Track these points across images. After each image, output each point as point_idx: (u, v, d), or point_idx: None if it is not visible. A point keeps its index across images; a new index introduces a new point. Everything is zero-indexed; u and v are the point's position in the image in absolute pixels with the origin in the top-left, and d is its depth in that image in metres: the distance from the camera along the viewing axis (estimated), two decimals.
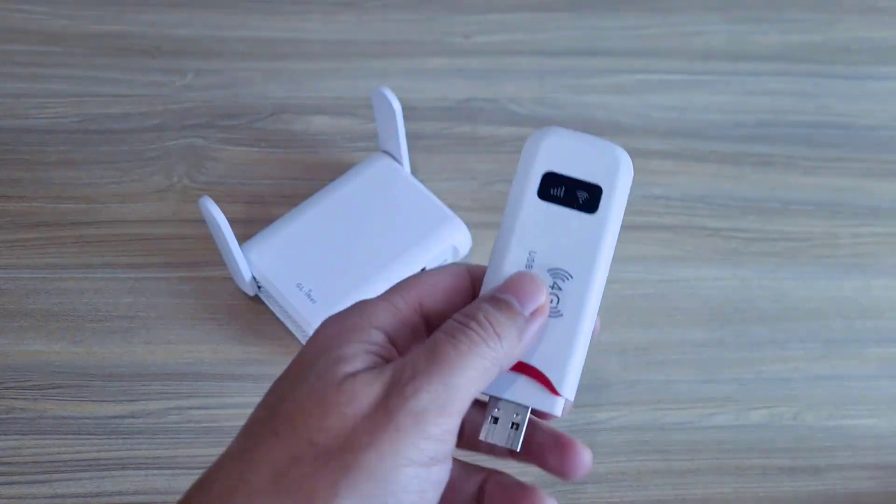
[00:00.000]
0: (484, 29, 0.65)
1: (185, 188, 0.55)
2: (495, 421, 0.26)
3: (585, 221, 0.27)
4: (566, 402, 0.27)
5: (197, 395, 0.48)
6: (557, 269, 0.27)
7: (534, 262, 0.27)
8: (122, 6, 0.65)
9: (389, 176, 0.52)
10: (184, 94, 0.60)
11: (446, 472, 0.23)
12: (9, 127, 0.58)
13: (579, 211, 0.27)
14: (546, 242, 0.27)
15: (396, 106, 0.48)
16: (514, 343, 0.24)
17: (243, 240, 0.49)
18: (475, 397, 0.24)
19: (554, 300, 0.27)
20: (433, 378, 0.21)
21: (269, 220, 0.51)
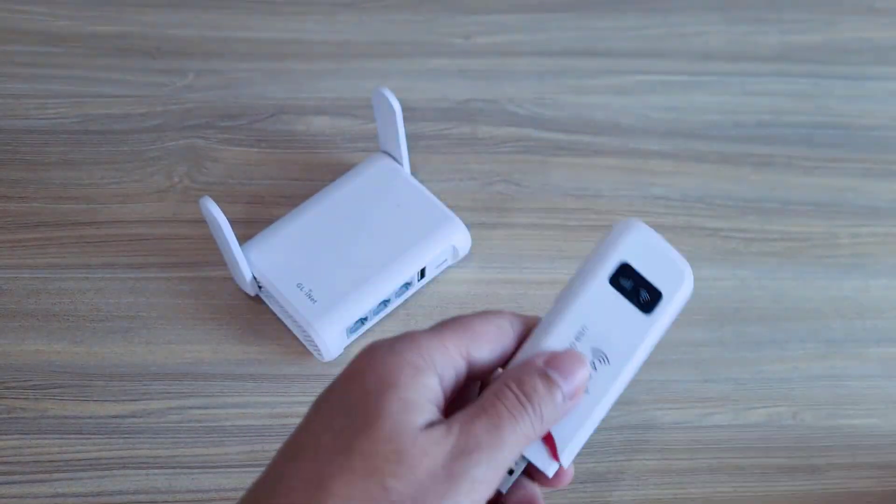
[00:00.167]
0: (484, 30, 0.65)
1: (185, 188, 0.55)
2: None
3: (638, 319, 0.30)
4: (559, 467, 0.29)
5: (197, 394, 0.48)
6: (600, 350, 0.29)
7: (582, 336, 0.29)
8: (122, 7, 0.65)
9: (389, 176, 0.52)
10: (184, 94, 0.60)
11: None
12: (9, 127, 0.58)
13: (636, 307, 0.30)
14: (599, 324, 0.29)
15: (396, 106, 0.48)
16: (553, 422, 0.27)
17: (244, 240, 0.49)
18: None
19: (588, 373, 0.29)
20: (491, 454, 0.25)
21: (269, 221, 0.51)
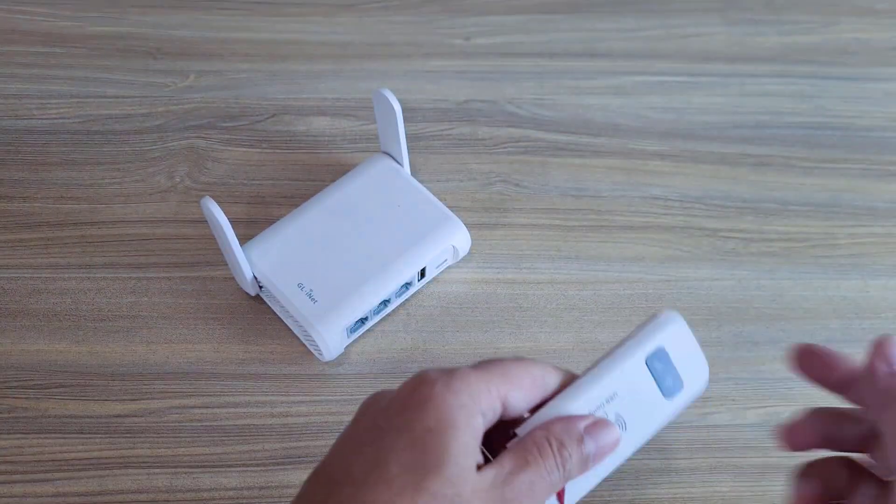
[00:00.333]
0: (484, 31, 0.65)
1: (186, 189, 0.55)
2: None
3: (659, 400, 0.33)
4: None
5: (198, 394, 0.48)
6: (622, 417, 0.32)
7: (611, 400, 0.32)
8: (123, 7, 0.65)
9: (390, 177, 0.52)
10: (185, 95, 0.60)
11: None
12: (11, 127, 0.58)
13: (659, 389, 0.33)
14: (627, 395, 0.32)
15: (397, 107, 0.48)
16: (574, 478, 0.30)
17: (245, 240, 0.49)
18: None
19: None
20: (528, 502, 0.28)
21: (270, 221, 0.51)
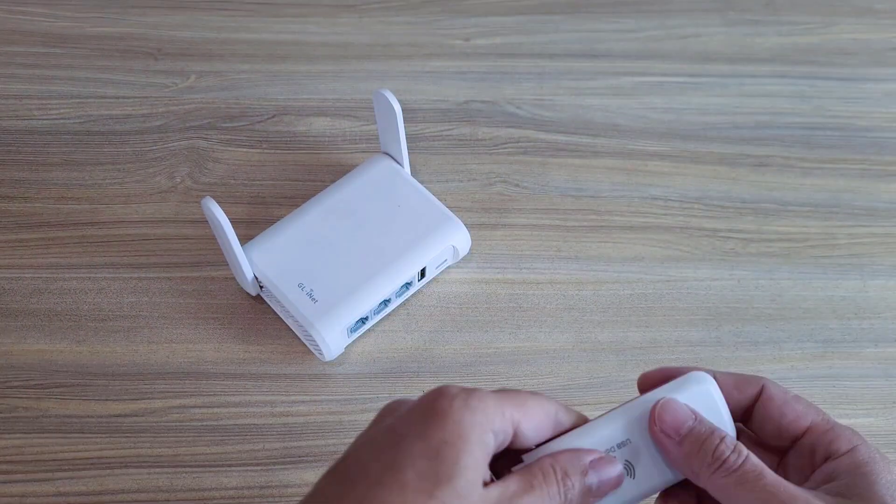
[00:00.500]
0: (483, 31, 0.65)
1: (187, 189, 0.56)
2: None
3: None
4: None
5: (199, 393, 0.48)
6: (632, 465, 0.32)
7: (624, 446, 0.32)
8: (124, 8, 0.65)
9: (390, 177, 0.52)
10: (186, 95, 0.60)
11: None
12: (12, 128, 0.58)
13: None
14: (640, 445, 0.32)
15: (397, 108, 0.48)
16: None
17: (245, 240, 0.49)
18: None
19: None
20: None
21: (270, 221, 0.51)
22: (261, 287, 0.49)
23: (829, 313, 0.53)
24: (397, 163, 0.53)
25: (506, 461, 0.32)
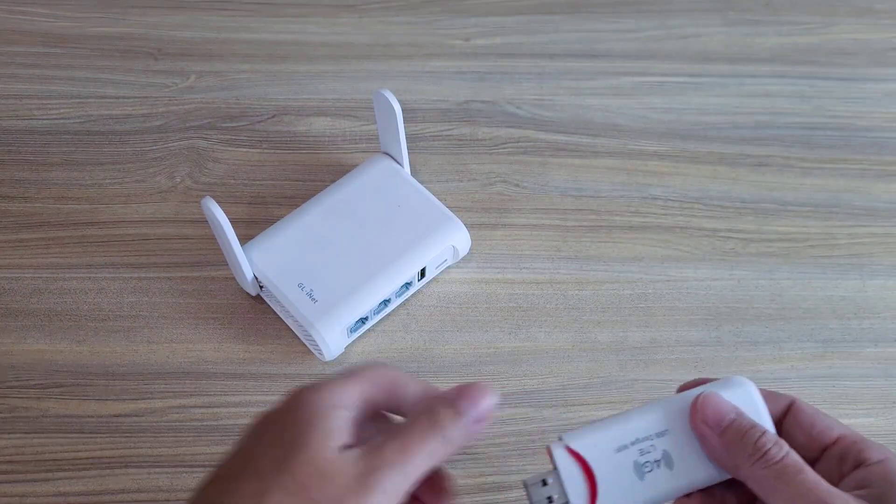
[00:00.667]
0: (483, 31, 0.65)
1: (187, 189, 0.56)
2: (544, 483, 0.31)
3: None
4: None
5: (199, 393, 0.48)
6: (670, 455, 0.32)
7: (663, 435, 0.32)
8: (124, 8, 0.65)
9: (390, 177, 0.52)
10: (186, 95, 0.60)
11: None
12: (12, 128, 0.58)
13: None
14: (681, 436, 0.32)
15: (397, 107, 0.48)
16: (460, 445, 0.30)
17: (245, 240, 0.49)
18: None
19: (650, 465, 0.32)
20: (400, 469, 0.29)
21: (270, 221, 0.51)
22: (261, 287, 0.49)
23: (829, 313, 0.53)
24: (397, 163, 0.53)
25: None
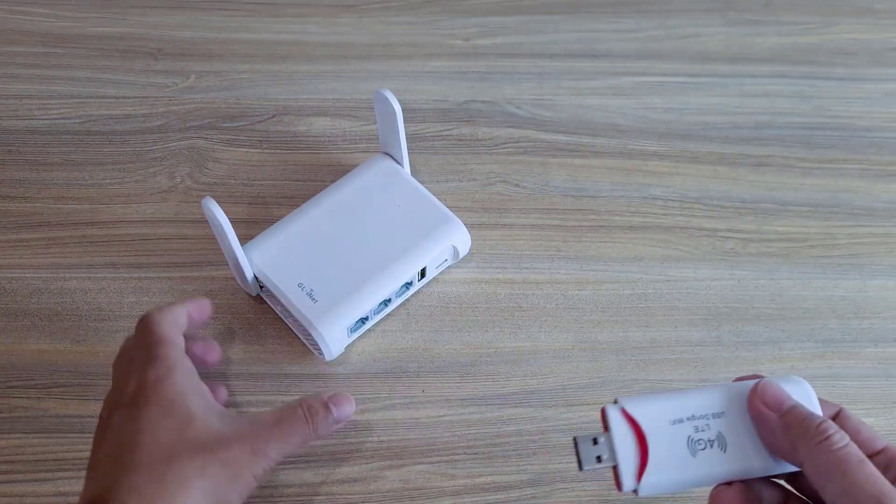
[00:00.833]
0: (483, 31, 0.65)
1: (187, 189, 0.56)
2: (595, 442, 0.32)
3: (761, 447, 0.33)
4: (630, 491, 0.33)
5: None
6: (724, 438, 0.33)
7: (718, 417, 0.33)
8: (124, 8, 0.65)
9: (390, 177, 0.52)
10: (186, 95, 0.60)
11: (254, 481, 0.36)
12: (12, 128, 0.58)
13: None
14: (738, 422, 0.33)
15: (397, 107, 0.48)
16: (324, 434, 0.39)
17: (245, 240, 0.49)
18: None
19: (703, 444, 0.33)
20: (279, 442, 0.36)
21: (270, 221, 0.51)
22: (261, 287, 0.49)
23: (829, 313, 0.53)
24: (397, 163, 0.53)
25: None
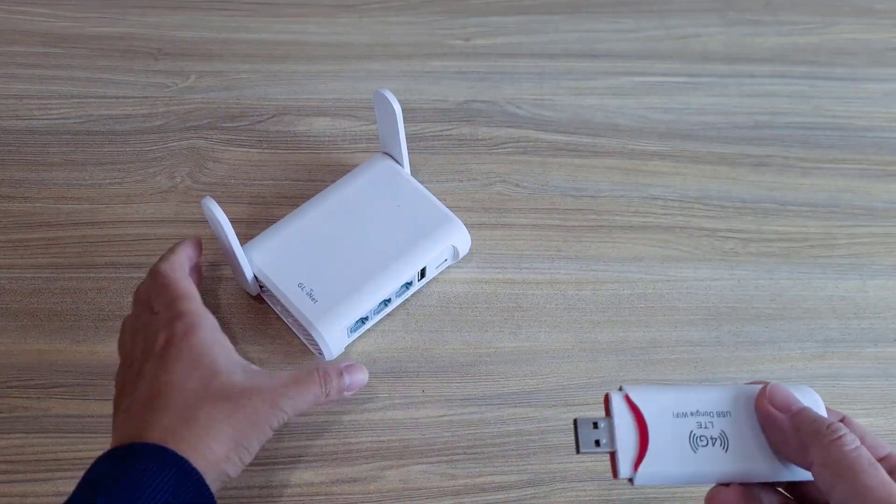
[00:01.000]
0: (483, 31, 0.66)
1: (187, 189, 0.56)
2: (595, 426, 0.33)
3: (771, 456, 0.33)
4: (626, 479, 0.33)
5: None
6: (727, 437, 0.33)
7: (723, 416, 0.33)
8: (124, 8, 0.65)
9: (390, 177, 0.52)
10: (186, 95, 0.60)
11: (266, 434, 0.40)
12: (12, 128, 0.58)
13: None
14: (744, 424, 0.33)
15: (397, 107, 0.48)
16: (331, 401, 0.43)
17: (245, 240, 0.49)
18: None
19: (705, 440, 0.33)
20: (293, 398, 0.40)
21: (270, 221, 0.51)
22: (261, 287, 0.49)
23: (829, 313, 0.53)
24: (397, 163, 0.53)
25: None
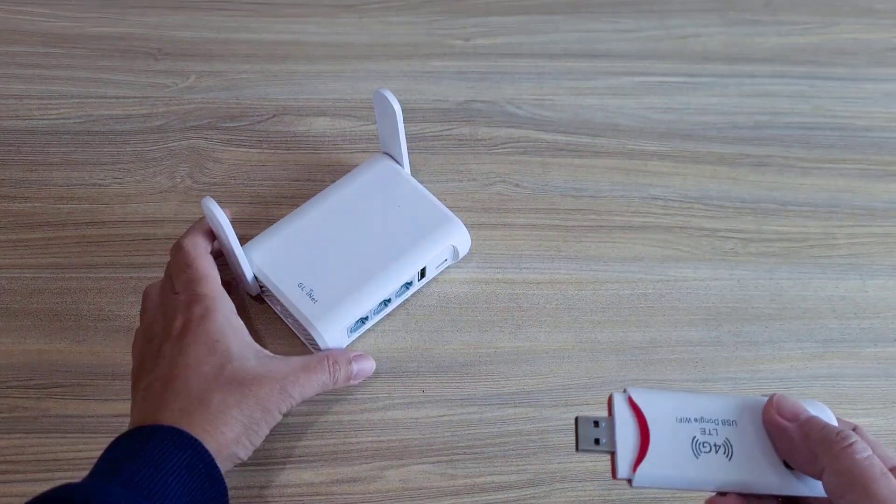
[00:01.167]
0: (483, 31, 0.66)
1: (187, 189, 0.56)
2: (596, 424, 0.33)
3: (779, 465, 0.33)
4: (624, 479, 0.33)
5: None
6: (730, 445, 0.33)
7: (728, 425, 0.33)
8: (124, 8, 0.65)
9: (390, 177, 0.52)
10: (186, 95, 0.60)
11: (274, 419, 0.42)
12: (12, 128, 0.58)
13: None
14: (749, 434, 0.33)
15: (397, 107, 0.48)
16: (337, 387, 0.45)
17: (245, 240, 0.49)
18: None
19: (708, 447, 0.33)
20: (302, 384, 0.42)
21: (270, 221, 0.51)
22: (261, 287, 0.49)
23: (829, 313, 0.53)
24: (397, 163, 0.53)
25: None
